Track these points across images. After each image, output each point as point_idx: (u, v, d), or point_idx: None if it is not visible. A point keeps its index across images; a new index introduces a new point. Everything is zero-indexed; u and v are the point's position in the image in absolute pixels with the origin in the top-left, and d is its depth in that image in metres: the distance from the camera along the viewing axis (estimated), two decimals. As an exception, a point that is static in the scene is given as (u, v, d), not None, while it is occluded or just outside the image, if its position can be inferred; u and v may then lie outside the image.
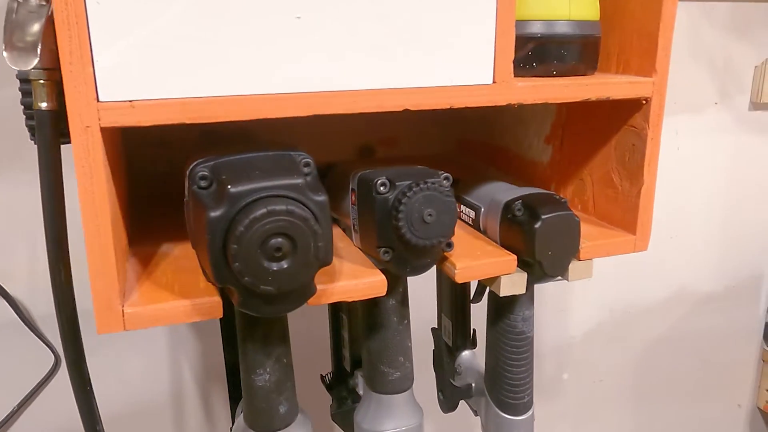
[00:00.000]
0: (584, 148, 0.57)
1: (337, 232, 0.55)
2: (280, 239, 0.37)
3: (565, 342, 1.12)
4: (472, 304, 0.66)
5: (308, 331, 0.80)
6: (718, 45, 1.05)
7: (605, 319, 1.13)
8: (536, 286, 1.05)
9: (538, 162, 0.65)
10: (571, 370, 1.14)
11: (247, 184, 0.37)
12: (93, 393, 0.49)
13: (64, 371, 0.79)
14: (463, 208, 0.57)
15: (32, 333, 0.75)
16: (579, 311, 1.11)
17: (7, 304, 0.74)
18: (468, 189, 0.57)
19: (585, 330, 1.12)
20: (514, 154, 0.69)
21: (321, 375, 0.68)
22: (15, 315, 0.74)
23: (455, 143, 0.83)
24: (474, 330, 0.68)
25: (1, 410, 0.77)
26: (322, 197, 0.39)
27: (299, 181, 0.38)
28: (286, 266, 0.37)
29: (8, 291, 0.74)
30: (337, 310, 0.67)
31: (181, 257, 0.48)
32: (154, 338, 0.83)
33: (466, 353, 0.67)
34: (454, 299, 0.66)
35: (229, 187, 0.37)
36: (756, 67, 1.09)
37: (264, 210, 0.36)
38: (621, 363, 1.19)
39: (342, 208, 0.53)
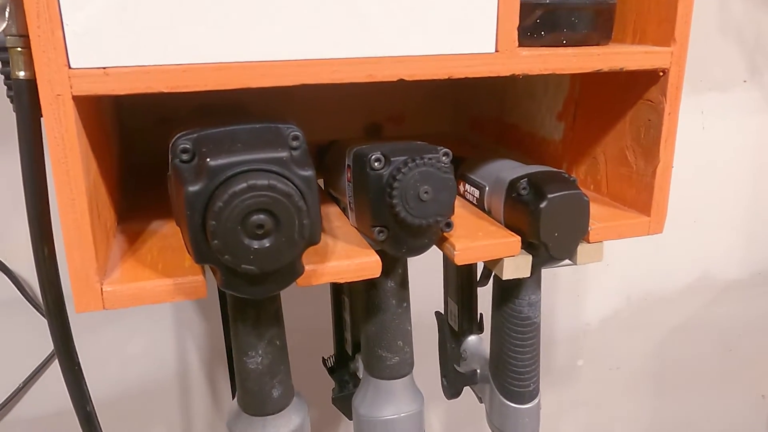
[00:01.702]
0: (598, 124, 0.54)
1: (334, 210, 0.52)
2: (261, 216, 0.35)
3: (580, 329, 1.09)
4: (479, 288, 0.64)
5: (312, 314, 0.79)
6: (749, 19, 0.99)
7: (622, 306, 1.10)
8: (550, 270, 1.03)
9: (549, 140, 0.62)
10: (586, 357, 1.11)
11: (228, 158, 0.35)
12: (82, 373, 0.47)
13: (68, 350, 0.78)
14: (467, 186, 0.54)
15: (36, 311, 0.75)
16: (595, 297, 1.07)
17: (10, 282, 0.74)
18: (473, 167, 0.55)
19: (601, 317, 1.09)
20: (526, 132, 0.66)
21: (323, 358, 0.67)
22: (19, 293, 0.74)
23: (466, 121, 0.80)
24: (481, 314, 0.66)
25: (6, 388, 0.77)
26: (308, 172, 0.37)
27: (284, 154, 0.36)
28: (268, 244, 0.35)
29: (11, 269, 0.74)
30: (339, 292, 0.65)
31: (170, 235, 0.46)
32: (158, 318, 0.82)
33: (472, 338, 0.65)
34: (460, 282, 0.64)
35: (208, 160, 0.35)
36: (789, 43, 1.03)
37: (244, 185, 0.34)
38: (639, 351, 1.15)
39: (339, 185, 0.50)
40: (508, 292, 0.52)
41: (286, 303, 0.85)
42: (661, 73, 0.46)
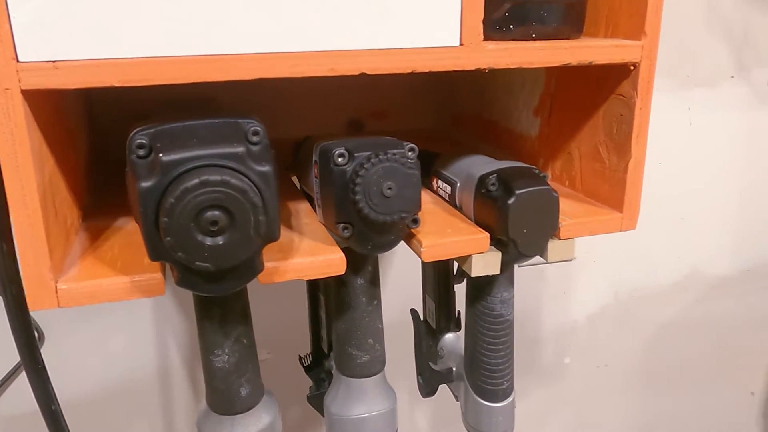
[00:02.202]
0: (572, 120, 0.54)
1: (305, 207, 0.52)
2: (215, 212, 0.34)
3: (567, 325, 1.08)
4: (457, 285, 0.63)
5: (298, 311, 0.78)
6: (737, 14, 0.98)
7: (610, 303, 1.09)
8: (536, 267, 1.02)
9: (527, 136, 0.61)
10: (573, 354, 1.10)
11: (182, 153, 0.35)
12: (47, 372, 0.47)
13: (47, 347, 0.78)
14: (440, 183, 0.54)
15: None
16: (582, 294, 1.07)
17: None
18: (446, 163, 0.54)
19: (588, 313, 1.09)
20: (504, 128, 0.65)
21: (299, 356, 0.66)
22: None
23: (448, 118, 0.80)
24: (459, 312, 0.65)
25: (-15, 386, 0.76)
26: (265, 168, 0.36)
27: (240, 149, 0.36)
28: (222, 242, 0.35)
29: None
30: (315, 289, 0.64)
31: (133, 232, 0.45)
32: (138, 315, 0.81)
33: (449, 336, 0.64)
34: (437, 280, 0.63)
35: (161, 155, 0.34)
36: (777, 38, 1.02)
37: (197, 180, 0.33)
38: (627, 348, 1.15)
39: (309, 181, 0.50)
40: (479, 289, 0.52)
41: (268, 300, 0.85)
42: (632, 67, 0.46)
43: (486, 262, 0.46)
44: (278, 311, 0.86)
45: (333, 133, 0.75)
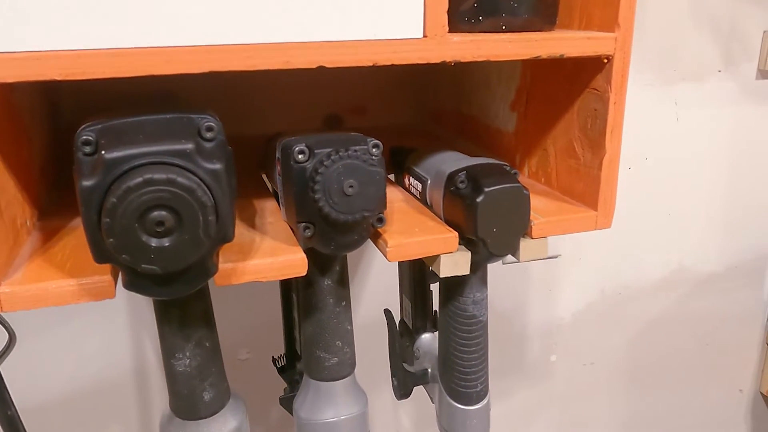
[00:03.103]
0: (548, 114, 0.52)
1: (271, 206, 0.50)
2: (162, 212, 0.33)
3: (553, 323, 1.07)
4: (433, 285, 0.62)
5: (268, 311, 0.76)
6: (724, 7, 0.97)
7: (596, 300, 1.08)
8: (521, 264, 1.01)
9: (504, 131, 0.60)
10: (559, 352, 1.09)
11: (125, 150, 0.33)
12: (1, 376, 0.45)
13: (19, 348, 0.76)
14: (411, 180, 0.52)
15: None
16: (568, 291, 1.06)
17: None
18: (419, 159, 0.53)
19: (574, 311, 1.07)
20: (482, 124, 0.64)
21: (273, 357, 0.65)
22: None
23: (428, 113, 0.78)
24: (436, 311, 0.64)
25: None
26: (217, 165, 0.35)
27: (188, 146, 0.34)
28: (168, 243, 0.33)
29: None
30: (288, 290, 0.63)
31: (89, 232, 0.44)
32: (113, 316, 0.80)
33: (426, 336, 0.63)
34: (412, 278, 0.62)
35: (103, 152, 0.33)
36: (765, 32, 1.01)
37: (140, 179, 0.32)
38: (613, 345, 1.13)
39: (274, 179, 0.48)
40: (451, 290, 0.50)
41: (245, 300, 0.83)
42: (606, 60, 0.44)
43: (455, 262, 0.45)
44: (256, 311, 0.85)
45: (304, 129, 0.73)
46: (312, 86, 0.74)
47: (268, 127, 0.67)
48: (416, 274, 0.62)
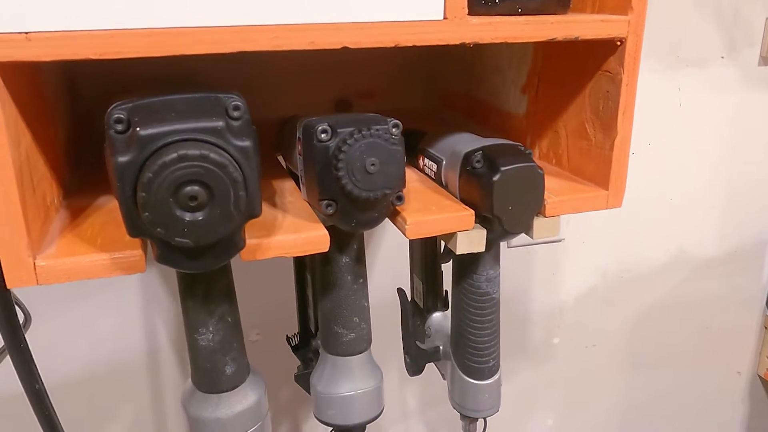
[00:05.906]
0: (559, 97, 0.53)
1: (290, 185, 0.51)
2: (194, 187, 0.34)
3: (556, 306, 1.09)
4: (444, 264, 0.63)
5: (278, 293, 0.78)
6: (727, -7, 0.98)
7: (598, 283, 1.10)
8: (525, 248, 1.02)
9: (514, 114, 0.61)
10: (562, 334, 1.11)
11: (159, 127, 0.34)
12: (29, 350, 0.47)
13: (34, 329, 0.78)
14: (426, 161, 0.53)
15: None
16: (571, 275, 1.07)
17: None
18: (432, 141, 0.54)
19: (577, 294, 1.09)
20: (492, 107, 0.65)
21: (287, 336, 0.66)
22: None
23: (437, 97, 0.79)
24: (446, 291, 0.65)
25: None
26: (246, 143, 0.36)
27: (219, 123, 0.35)
28: (201, 217, 0.34)
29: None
30: (302, 269, 0.64)
31: (115, 210, 0.45)
32: (126, 295, 0.81)
33: (437, 315, 0.65)
34: (424, 258, 0.63)
35: (138, 129, 0.34)
36: (768, 18, 1.02)
37: (174, 155, 0.33)
38: (615, 328, 1.15)
39: (293, 159, 0.49)
40: (465, 267, 0.52)
41: (256, 281, 0.85)
42: (619, 43, 0.45)
43: (471, 240, 0.46)
44: (267, 292, 0.86)
45: (319, 111, 0.74)
46: (320, 70, 0.75)
47: (278, 111, 0.68)
48: (427, 255, 0.63)
